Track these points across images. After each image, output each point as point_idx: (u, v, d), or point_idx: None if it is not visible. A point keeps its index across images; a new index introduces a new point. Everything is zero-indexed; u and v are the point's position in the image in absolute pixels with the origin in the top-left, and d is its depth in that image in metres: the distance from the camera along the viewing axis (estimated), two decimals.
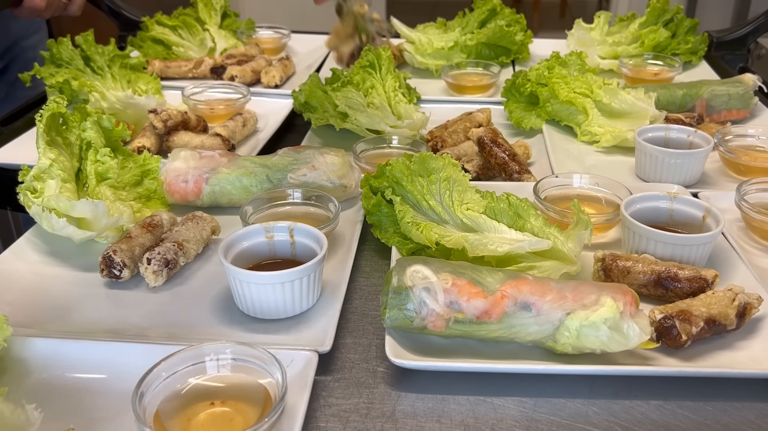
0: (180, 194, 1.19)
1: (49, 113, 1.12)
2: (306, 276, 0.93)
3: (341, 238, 1.14)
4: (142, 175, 1.21)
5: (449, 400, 0.84)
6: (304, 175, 1.20)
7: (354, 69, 1.55)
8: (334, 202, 1.13)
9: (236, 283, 0.94)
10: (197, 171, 1.20)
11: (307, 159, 1.22)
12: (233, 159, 1.23)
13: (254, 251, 1.02)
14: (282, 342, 0.90)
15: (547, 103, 1.54)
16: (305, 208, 1.16)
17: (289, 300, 0.94)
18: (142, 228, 1.07)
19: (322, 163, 1.21)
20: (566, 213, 1.11)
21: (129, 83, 1.56)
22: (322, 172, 1.21)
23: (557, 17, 6.36)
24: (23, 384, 0.84)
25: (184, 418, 0.76)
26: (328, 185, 1.21)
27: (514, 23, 1.94)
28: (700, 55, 1.95)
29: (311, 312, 0.97)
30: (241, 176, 1.20)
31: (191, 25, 1.98)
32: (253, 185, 1.20)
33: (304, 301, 0.95)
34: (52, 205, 1.04)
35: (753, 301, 0.92)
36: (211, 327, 0.94)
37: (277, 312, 0.94)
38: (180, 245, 1.04)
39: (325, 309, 0.97)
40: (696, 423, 0.82)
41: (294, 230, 1.02)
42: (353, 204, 1.23)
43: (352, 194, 1.24)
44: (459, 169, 1.08)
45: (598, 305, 0.86)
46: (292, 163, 1.22)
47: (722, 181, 1.35)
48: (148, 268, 1.00)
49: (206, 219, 1.11)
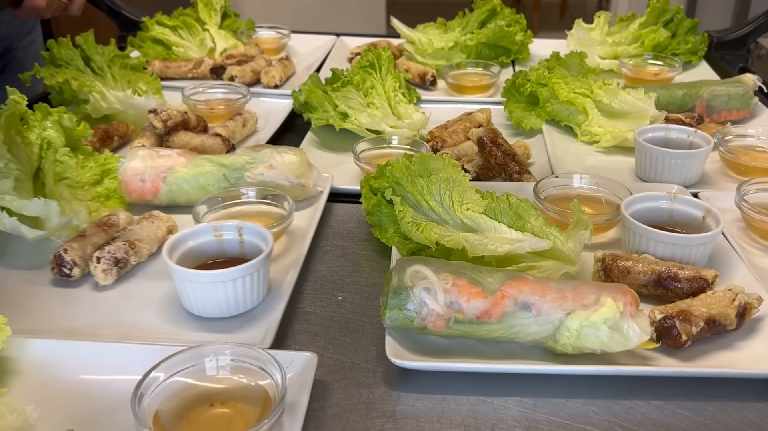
0: (137, 193, 1.19)
1: (7, 113, 1.11)
2: (249, 274, 0.94)
3: (297, 237, 1.14)
4: (102, 175, 1.21)
5: (449, 400, 0.84)
6: (261, 174, 1.20)
7: (354, 69, 1.55)
8: (289, 201, 1.13)
9: (179, 282, 0.95)
10: (154, 170, 1.20)
11: (265, 158, 1.22)
12: (191, 158, 1.23)
13: (203, 250, 1.02)
14: (224, 341, 0.89)
15: (547, 103, 1.54)
16: (259, 206, 1.16)
17: (231, 298, 0.94)
18: (96, 228, 1.08)
19: (279, 161, 1.21)
20: (566, 213, 1.11)
21: (129, 83, 1.56)
22: (279, 170, 1.20)
23: (557, 17, 6.35)
24: (22, 385, 0.84)
25: (183, 419, 0.76)
26: (286, 184, 1.20)
27: (514, 23, 1.94)
28: (700, 55, 1.95)
29: (258, 310, 0.97)
30: (198, 175, 1.20)
31: (191, 26, 1.98)
32: (210, 184, 1.20)
33: (248, 300, 0.95)
34: (5, 203, 1.04)
35: (753, 301, 0.92)
36: (156, 326, 0.94)
37: (220, 311, 0.95)
38: (132, 244, 1.04)
39: (270, 307, 0.97)
40: (696, 423, 0.82)
41: (243, 229, 1.02)
42: (312, 203, 1.23)
43: (310, 193, 1.24)
44: (459, 169, 1.08)
45: (598, 305, 0.86)
46: (249, 161, 1.22)
47: (722, 181, 1.35)
48: (97, 267, 1.00)
49: (162, 218, 1.11)
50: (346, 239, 1.17)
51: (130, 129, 1.48)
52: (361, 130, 1.47)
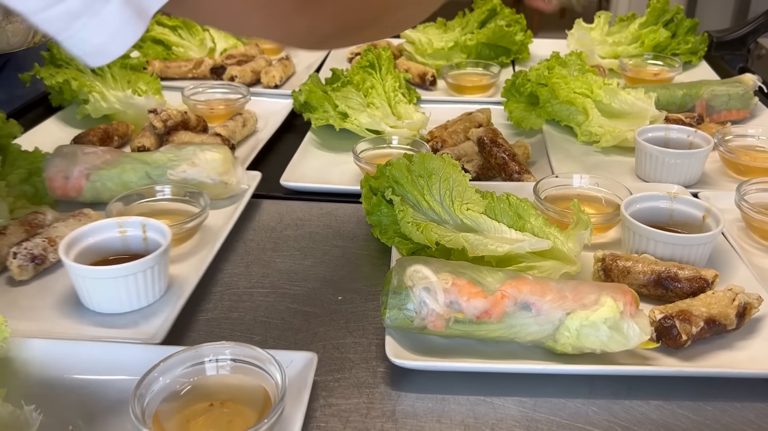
0: (61, 190, 1.19)
1: None
2: (142, 271, 0.94)
3: (211, 234, 1.13)
4: (30, 173, 1.20)
5: (449, 400, 0.84)
6: (183, 172, 1.20)
7: (354, 69, 1.55)
8: (205, 198, 1.13)
9: (73, 278, 0.95)
10: (78, 167, 1.20)
11: (188, 155, 1.22)
12: (116, 155, 1.23)
13: (106, 246, 1.02)
14: (117, 336, 0.91)
15: (547, 103, 1.54)
16: (176, 204, 1.16)
17: (124, 295, 0.94)
18: (20, 225, 1.08)
19: (202, 159, 1.21)
20: (566, 213, 1.11)
21: (129, 83, 1.55)
22: (202, 168, 1.20)
23: (557, 17, 6.35)
24: (22, 385, 0.84)
25: (183, 419, 0.75)
26: (209, 182, 1.20)
27: (514, 23, 1.94)
28: (700, 55, 1.95)
29: (156, 306, 0.97)
30: (120, 172, 1.20)
31: (191, 26, 1.98)
32: (132, 182, 1.20)
33: (142, 296, 0.96)
34: None
35: (753, 301, 0.92)
36: (55, 321, 0.95)
37: (111, 306, 0.95)
38: (52, 241, 1.04)
39: (165, 305, 0.97)
40: (696, 423, 0.82)
41: (146, 225, 1.02)
42: (234, 201, 1.23)
43: (234, 191, 1.23)
44: (459, 169, 1.08)
45: (598, 305, 0.86)
46: (172, 159, 1.22)
47: (722, 181, 1.35)
48: (13, 262, 1.01)
49: (92, 216, 1.11)
50: (346, 239, 1.17)
51: (130, 129, 1.48)
52: (361, 130, 1.47)
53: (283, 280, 1.07)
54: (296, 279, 1.07)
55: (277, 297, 1.03)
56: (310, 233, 1.19)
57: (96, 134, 1.39)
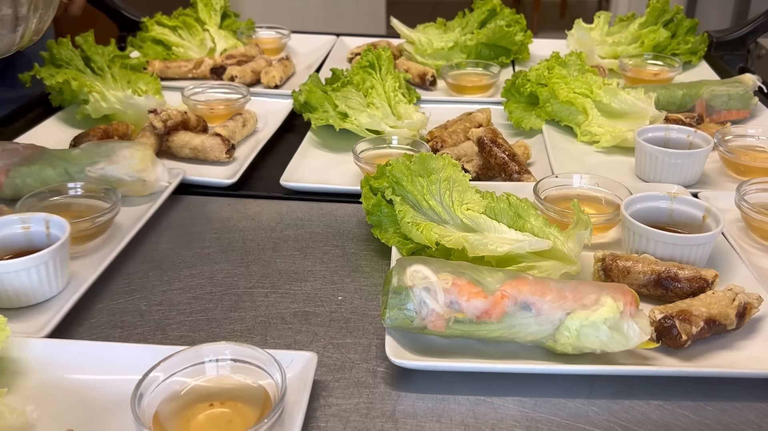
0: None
1: None
2: (35, 266, 0.94)
3: (121, 232, 1.14)
4: None
5: (449, 400, 0.84)
6: (102, 169, 1.20)
7: (354, 69, 1.55)
8: (117, 195, 1.14)
9: None
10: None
11: (107, 152, 1.22)
12: (37, 152, 1.24)
13: (9, 241, 1.03)
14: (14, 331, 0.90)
15: (547, 103, 1.54)
16: (89, 200, 1.17)
17: (20, 289, 0.94)
18: None
19: (121, 156, 1.21)
20: (566, 213, 1.11)
21: (129, 83, 1.55)
22: (120, 165, 1.21)
23: (557, 17, 6.35)
24: (22, 385, 0.84)
25: (183, 419, 0.76)
26: (127, 179, 1.21)
27: (514, 23, 1.94)
28: (700, 55, 1.95)
29: (53, 302, 0.97)
30: (40, 169, 1.21)
31: (191, 26, 1.98)
32: (51, 178, 1.20)
33: (38, 292, 0.96)
34: None
35: (753, 301, 0.92)
36: None
37: (9, 301, 0.95)
38: None
39: (61, 300, 0.97)
40: (696, 423, 0.82)
41: (50, 221, 1.03)
42: (152, 199, 1.23)
43: (153, 189, 1.24)
44: (459, 169, 1.08)
45: (598, 305, 0.86)
46: (91, 156, 1.22)
47: (722, 181, 1.35)
48: None
49: (3, 212, 1.11)
50: (346, 239, 1.17)
51: (130, 129, 1.48)
52: (361, 130, 1.47)
53: (283, 280, 1.07)
54: (296, 280, 1.07)
55: (277, 297, 1.03)
56: (310, 233, 1.19)
57: (96, 134, 1.39)
